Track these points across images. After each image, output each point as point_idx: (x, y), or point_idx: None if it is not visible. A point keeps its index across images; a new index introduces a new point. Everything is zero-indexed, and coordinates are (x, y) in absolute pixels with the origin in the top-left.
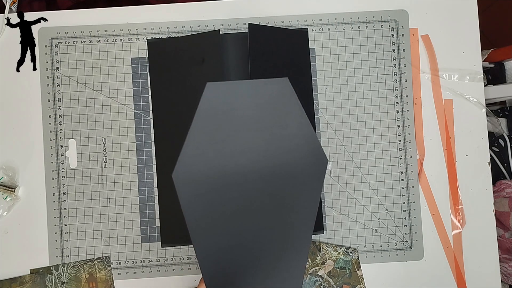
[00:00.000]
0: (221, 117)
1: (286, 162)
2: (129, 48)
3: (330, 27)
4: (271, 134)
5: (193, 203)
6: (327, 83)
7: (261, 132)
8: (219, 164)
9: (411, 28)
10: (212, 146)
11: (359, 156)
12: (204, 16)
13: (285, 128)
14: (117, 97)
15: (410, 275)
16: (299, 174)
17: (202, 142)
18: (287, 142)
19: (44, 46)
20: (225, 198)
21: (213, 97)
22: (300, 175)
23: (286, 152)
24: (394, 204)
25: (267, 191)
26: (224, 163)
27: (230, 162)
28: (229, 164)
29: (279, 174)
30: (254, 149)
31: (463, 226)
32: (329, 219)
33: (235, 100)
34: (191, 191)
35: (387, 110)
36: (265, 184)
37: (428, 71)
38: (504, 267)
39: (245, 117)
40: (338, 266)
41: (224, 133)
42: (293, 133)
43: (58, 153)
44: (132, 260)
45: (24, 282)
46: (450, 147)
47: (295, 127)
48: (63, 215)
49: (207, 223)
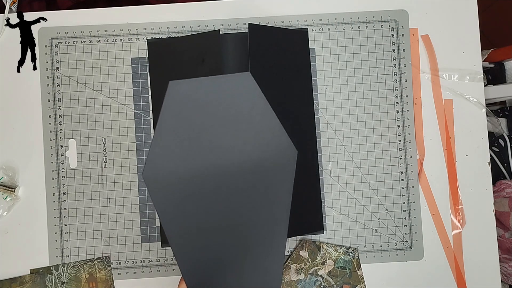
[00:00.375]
0: (187, 115)
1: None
2: (129, 48)
3: (330, 27)
4: (238, 129)
5: (166, 202)
6: (327, 83)
7: (227, 127)
8: (189, 162)
9: (411, 28)
10: (180, 144)
11: (359, 156)
12: (204, 16)
13: (251, 122)
14: (117, 97)
15: (410, 275)
16: (270, 168)
17: (169, 141)
18: (255, 136)
19: (44, 46)
20: (197, 196)
21: (176, 95)
22: (271, 168)
23: (254, 147)
24: (394, 204)
25: (239, 187)
26: (194, 160)
27: (199, 159)
28: (198, 161)
29: (250, 168)
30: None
31: (463, 226)
32: (329, 219)
33: (199, 97)
34: (163, 190)
35: (387, 110)
36: (236, 180)
37: (428, 71)
38: (504, 267)
39: (210, 114)
40: (339, 266)
41: (190, 130)
42: (260, 127)
43: (58, 153)
44: (132, 260)
45: (24, 282)
46: (450, 147)
47: (261, 121)
48: (63, 215)
49: (181, 221)
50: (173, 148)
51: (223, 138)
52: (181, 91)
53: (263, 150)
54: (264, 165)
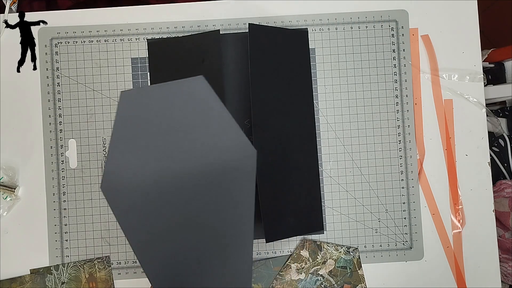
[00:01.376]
0: (141, 123)
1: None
2: (129, 48)
3: (330, 27)
4: (195, 134)
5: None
6: (327, 83)
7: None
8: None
9: (411, 28)
10: (136, 153)
11: (359, 156)
12: (204, 16)
13: (208, 126)
14: (117, 97)
15: (410, 275)
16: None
17: (124, 151)
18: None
19: (44, 46)
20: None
21: (129, 105)
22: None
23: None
24: (394, 204)
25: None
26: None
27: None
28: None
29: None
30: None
31: (463, 226)
32: (329, 219)
33: (153, 104)
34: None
35: (387, 110)
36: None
37: (428, 71)
38: (504, 267)
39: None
40: (339, 265)
41: (146, 138)
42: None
43: (58, 153)
44: (132, 260)
45: (24, 282)
46: (450, 147)
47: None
48: (63, 215)
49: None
50: (129, 158)
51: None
52: (134, 100)
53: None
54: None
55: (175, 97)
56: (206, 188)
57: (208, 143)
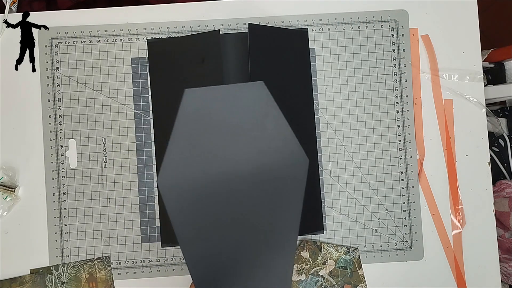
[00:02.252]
0: (201, 123)
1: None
2: (129, 48)
3: (330, 27)
4: (250, 137)
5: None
6: (327, 83)
7: (241, 136)
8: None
9: (411, 28)
10: (195, 151)
11: (359, 156)
12: (204, 16)
13: (264, 130)
14: (117, 97)
15: (410, 275)
16: (281, 176)
17: (184, 148)
18: (267, 144)
19: (44, 46)
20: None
21: (192, 103)
22: (282, 176)
23: (267, 155)
24: (394, 204)
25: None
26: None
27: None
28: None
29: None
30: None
31: (463, 226)
32: (329, 219)
33: (214, 105)
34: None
35: (387, 110)
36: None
37: (428, 71)
38: (504, 267)
39: (224, 122)
40: (340, 265)
41: (205, 138)
42: (273, 135)
43: (58, 153)
44: (132, 260)
45: (24, 282)
46: (450, 147)
47: (274, 130)
48: (63, 215)
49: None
50: (187, 156)
51: (236, 144)
52: (196, 98)
53: (276, 158)
54: (276, 173)
55: (235, 99)
56: (257, 191)
57: (263, 148)
